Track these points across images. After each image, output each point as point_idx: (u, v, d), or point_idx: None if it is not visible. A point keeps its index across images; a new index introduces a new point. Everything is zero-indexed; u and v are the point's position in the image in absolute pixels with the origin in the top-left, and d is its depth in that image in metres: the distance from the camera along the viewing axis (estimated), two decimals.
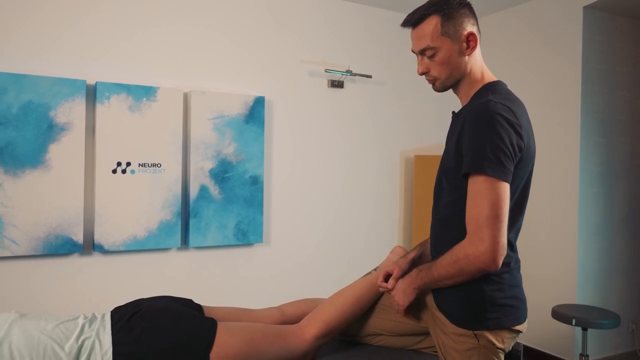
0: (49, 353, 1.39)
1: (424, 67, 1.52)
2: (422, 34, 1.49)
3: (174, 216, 3.10)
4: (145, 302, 1.63)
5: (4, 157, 2.68)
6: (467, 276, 1.40)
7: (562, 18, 3.51)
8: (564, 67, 3.49)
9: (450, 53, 1.47)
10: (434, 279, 1.47)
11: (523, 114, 1.43)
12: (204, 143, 3.19)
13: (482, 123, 1.34)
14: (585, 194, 3.43)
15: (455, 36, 1.46)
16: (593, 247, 3.48)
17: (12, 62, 2.75)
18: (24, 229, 2.73)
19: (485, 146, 1.32)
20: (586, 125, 3.42)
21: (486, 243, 1.31)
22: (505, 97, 1.43)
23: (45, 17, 2.83)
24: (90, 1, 2.94)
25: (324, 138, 3.70)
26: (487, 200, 1.31)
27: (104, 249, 2.91)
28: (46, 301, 2.82)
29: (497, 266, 1.33)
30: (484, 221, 1.31)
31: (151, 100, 3.03)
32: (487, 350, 1.44)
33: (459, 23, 1.46)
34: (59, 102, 2.79)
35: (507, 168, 1.32)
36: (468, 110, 1.45)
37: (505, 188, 1.32)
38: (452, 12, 1.46)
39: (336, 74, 3.69)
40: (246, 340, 1.55)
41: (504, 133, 1.32)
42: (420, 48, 1.50)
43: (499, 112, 1.34)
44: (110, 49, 3.00)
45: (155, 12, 3.12)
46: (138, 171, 3.01)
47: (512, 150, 1.34)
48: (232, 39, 3.36)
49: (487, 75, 1.54)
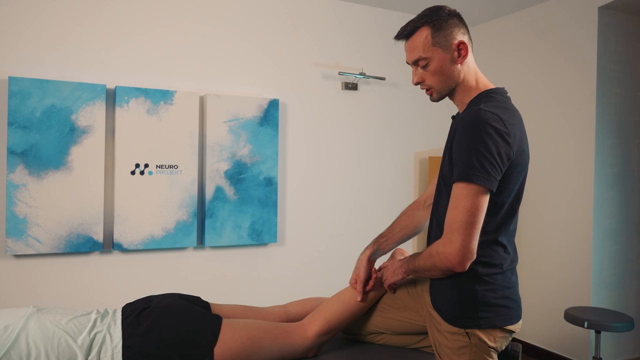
0: (63, 345, 1.48)
1: (418, 77, 1.58)
2: (414, 45, 1.54)
3: (190, 216, 3.19)
4: (155, 299, 1.72)
5: (28, 159, 2.80)
6: (440, 272, 1.47)
7: (577, 19, 3.49)
8: (579, 68, 3.47)
9: (442, 62, 1.52)
10: (416, 267, 1.58)
11: (515, 122, 1.46)
12: (220, 145, 3.28)
13: (471, 132, 1.39)
14: (600, 196, 3.41)
15: (446, 46, 1.51)
16: (608, 250, 3.45)
17: (36, 68, 2.88)
18: (47, 228, 2.85)
19: (472, 155, 1.37)
20: (601, 127, 3.40)
21: (455, 246, 1.38)
22: (498, 105, 1.46)
23: (68, 25, 2.95)
24: (110, 11, 3.05)
25: (338, 140, 3.75)
26: (463, 207, 1.37)
27: (123, 248, 3.02)
28: (67, 297, 2.94)
29: (464, 268, 1.40)
30: (457, 226, 1.38)
31: (168, 104, 3.13)
32: (479, 348, 1.48)
33: (449, 33, 1.51)
34: (80, 106, 2.91)
35: (491, 176, 1.37)
36: (461, 118, 1.49)
37: (484, 197, 1.38)
38: (441, 23, 1.51)
39: (350, 77, 3.74)
40: (249, 337, 1.62)
41: (490, 143, 1.36)
42: (414, 59, 1.56)
43: (488, 121, 1.38)
44: (129, 55, 3.11)
45: (172, 20, 3.21)
46: (156, 172, 3.11)
47: (499, 160, 1.38)
48: (247, 43, 3.44)
49: (483, 82, 1.57)
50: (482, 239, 1.44)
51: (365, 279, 1.81)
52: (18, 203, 2.78)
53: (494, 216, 1.46)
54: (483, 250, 1.46)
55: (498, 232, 1.48)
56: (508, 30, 4.03)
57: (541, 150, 3.71)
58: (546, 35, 3.72)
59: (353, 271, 1.86)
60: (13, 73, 2.82)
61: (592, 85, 3.39)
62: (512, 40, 4.00)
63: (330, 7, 3.72)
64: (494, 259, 1.48)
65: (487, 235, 1.46)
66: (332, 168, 3.74)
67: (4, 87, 2.79)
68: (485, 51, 4.24)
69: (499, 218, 1.47)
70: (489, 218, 1.44)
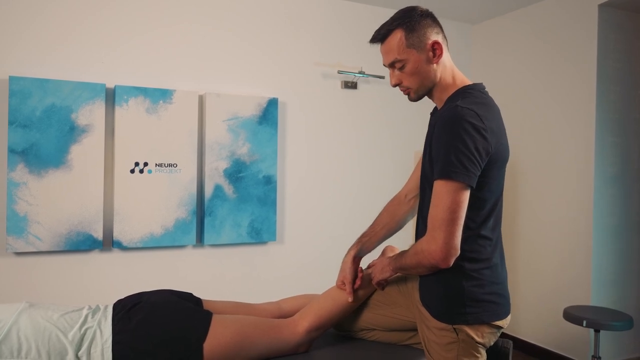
0: (54, 340, 1.50)
1: (396, 79, 1.59)
2: (389, 48, 1.56)
3: (189, 214, 3.21)
4: (146, 295, 1.74)
5: (28, 157, 2.83)
6: (425, 269, 1.49)
7: (576, 17, 3.48)
8: (579, 66, 3.46)
9: (418, 63, 1.53)
10: (402, 265, 1.59)
11: (492, 117, 1.47)
12: (219, 144, 3.30)
13: (448, 130, 1.41)
14: (600, 195, 3.39)
15: (420, 46, 1.52)
16: (609, 249, 3.44)
17: (36, 67, 2.91)
18: (47, 225, 2.88)
19: (450, 152, 1.38)
20: (601, 125, 3.39)
21: (438, 243, 1.39)
22: (474, 101, 1.47)
23: (68, 25, 2.98)
24: (109, 10, 3.08)
25: (338, 139, 3.76)
26: (444, 204, 1.38)
27: (123, 246, 3.05)
28: (67, 295, 2.96)
29: (448, 264, 1.41)
30: (439, 223, 1.39)
31: (167, 103, 3.15)
32: (467, 344, 1.49)
33: (423, 34, 1.52)
34: (80, 105, 2.94)
35: (471, 172, 1.38)
36: (439, 116, 1.51)
37: (464, 193, 1.39)
38: (414, 24, 1.52)
39: (349, 75, 3.75)
40: (239, 332, 1.64)
41: (468, 139, 1.37)
42: (390, 61, 1.58)
43: (465, 117, 1.39)
44: (129, 54, 3.13)
45: (172, 19, 3.24)
46: (155, 171, 3.13)
47: (478, 155, 1.39)
48: (246, 42, 3.46)
49: (460, 79, 1.59)
50: (467, 234, 1.45)
51: (353, 280, 1.82)
52: (19, 201, 2.81)
53: (477, 211, 1.47)
54: (469, 246, 1.47)
55: (483, 227, 1.49)
56: (507, 29, 4.02)
57: (541, 148, 3.70)
58: (546, 33, 3.71)
59: (339, 273, 1.87)
60: (14, 72, 2.85)
61: (592, 83, 3.37)
62: (511, 38, 3.99)
63: (330, 6, 3.73)
64: (481, 254, 1.49)
65: (472, 231, 1.47)
66: (331, 167, 3.74)
67: (4, 87, 2.83)
68: (485, 50, 4.23)
69: (483, 212, 1.49)
70: (473, 213, 1.46)
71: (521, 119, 3.87)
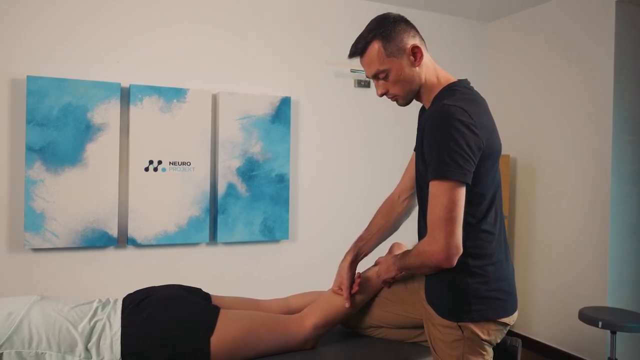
0: (64, 332, 1.53)
1: (381, 88, 1.59)
2: (369, 60, 1.56)
3: (202, 212, 3.24)
4: (155, 289, 1.76)
5: (45, 155, 2.89)
6: (429, 269, 1.50)
7: (594, 13, 3.43)
8: (597, 63, 3.41)
9: (400, 70, 1.53)
10: (407, 265, 1.60)
11: (480, 112, 1.46)
12: (232, 142, 3.32)
13: (438, 129, 1.40)
14: (617, 193, 3.34)
15: (400, 53, 1.52)
16: (626, 248, 3.38)
17: (53, 67, 2.97)
18: (64, 222, 2.93)
19: (442, 152, 1.37)
20: (619, 123, 3.33)
21: (439, 243, 1.39)
22: (461, 97, 1.47)
23: (84, 25, 3.04)
24: (125, 11, 3.12)
25: (350, 137, 3.76)
26: (441, 204, 1.38)
27: (137, 243, 3.09)
28: (82, 290, 3.01)
29: (452, 264, 1.41)
30: (438, 223, 1.39)
31: (181, 102, 3.19)
32: (472, 341, 1.48)
33: (400, 40, 1.52)
34: (95, 104, 2.99)
35: (465, 169, 1.37)
36: (427, 116, 1.51)
37: (460, 191, 1.38)
38: (389, 32, 1.52)
39: (362, 74, 3.74)
40: (245, 327, 1.65)
41: (459, 136, 1.36)
42: (372, 73, 1.57)
43: (453, 115, 1.38)
44: (143, 54, 3.17)
45: (185, 19, 3.27)
46: (169, 169, 3.17)
47: (470, 152, 1.38)
48: (259, 41, 3.48)
49: (444, 77, 1.58)
50: (468, 229, 1.44)
51: (350, 285, 1.81)
52: (36, 198, 2.87)
53: (477, 206, 1.46)
54: (471, 241, 1.46)
55: (483, 221, 1.48)
56: (524, 26, 3.98)
57: (557, 147, 3.65)
58: (563, 30, 3.66)
59: (335, 278, 1.86)
60: (31, 72, 2.91)
61: (609, 80, 3.32)
62: (528, 36, 3.95)
63: (342, 4, 3.73)
64: (484, 250, 1.48)
65: (473, 226, 1.47)
66: (343, 165, 3.74)
67: (22, 86, 2.89)
68: (501, 48, 4.19)
69: (482, 207, 1.48)
70: (472, 208, 1.45)
71: (537, 116, 3.82)
